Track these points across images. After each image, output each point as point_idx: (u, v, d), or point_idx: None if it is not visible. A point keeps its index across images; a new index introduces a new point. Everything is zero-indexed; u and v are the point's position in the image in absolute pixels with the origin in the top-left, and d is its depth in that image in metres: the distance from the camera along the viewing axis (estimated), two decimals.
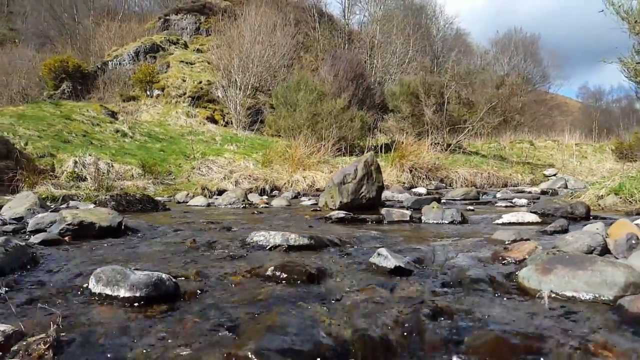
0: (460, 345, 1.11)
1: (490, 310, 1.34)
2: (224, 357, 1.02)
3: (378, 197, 4.82)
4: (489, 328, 1.19)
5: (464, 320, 1.25)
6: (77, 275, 1.86)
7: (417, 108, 17.59)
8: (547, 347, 1.07)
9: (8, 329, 1.14)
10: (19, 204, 5.47)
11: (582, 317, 1.27)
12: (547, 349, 1.07)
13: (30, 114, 13.58)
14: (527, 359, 1.04)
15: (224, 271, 1.90)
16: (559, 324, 1.22)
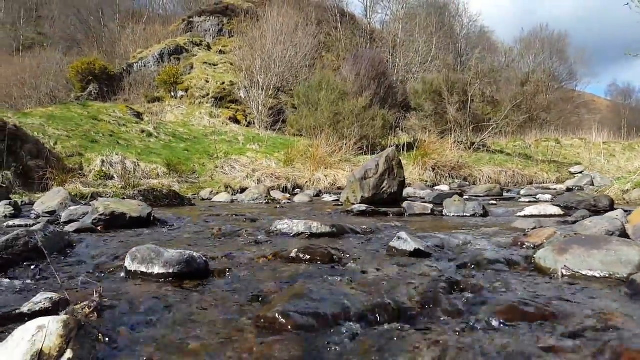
0: (474, 312, 1.16)
1: (505, 286, 1.38)
2: (254, 318, 1.10)
3: (399, 192, 4.85)
4: (502, 299, 1.24)
5: (478, 293, 1.30)
6: (111, 257, 1.98)
7: (440, 106, 17.42)
8: (557, 314, 1.12)
9: (55, 296, 1.25)
10: (50, 199, 5.72)
11: (594, 290, 1.30)
12: (557, 315, 1.11)
13: (59, 115, 13.98)
14: (538, 323, 1.09)
15: (250, 254, 1.99)
16: (571, 297, 1.25)
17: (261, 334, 1.03)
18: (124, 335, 1.00)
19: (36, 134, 11.22)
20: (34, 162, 9.82)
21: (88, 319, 1.01)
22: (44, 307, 1.19)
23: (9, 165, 9.17)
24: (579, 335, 0.99)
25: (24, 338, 0.86)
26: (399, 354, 0.92)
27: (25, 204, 6.23)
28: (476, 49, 22.68)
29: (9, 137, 9.38)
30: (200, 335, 1.03)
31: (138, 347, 0.96)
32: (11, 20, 43.34)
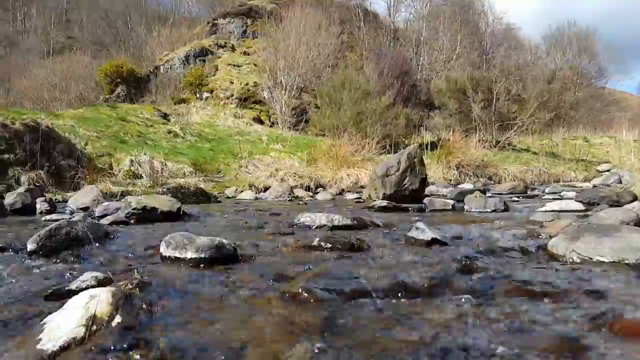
0: (483, 289, 1.23)
1: (516, 270, 1.45)
2: (280, 293, 1.20)
3: (421, 189, 4.88)
4: (511, 279, 1.31)
5: (489, 275, 1.37)
6: (146, 245, 2.12)
7: (465, 104, 17.25)
8: (561, 292, 1.18)
9: (100, 275, 1.38)
10: (84, 196, 5.99)
11: (601, 274, 1.35)
12: (560, 292, 1.18)
13: (89, 116, 14.43)
14: (544, 300, 1.15)
15: (274, 243, 2.10)
16: (579, 279, 1.32)
17: (286, 305, 1.13)
18: (163, 306, 1.11)
19: (68, 135, 11.58)
20: (66, 161, 10.20)
21: (132, 293, 1.13)
22: (90, 285, 1.32)
23: (42, 164, 9.56)
24: (579, 308, 1.05)
25: (78, 305, 0.98)
26: (412, 323, 1.01)
27: (59, 201, 6.52)
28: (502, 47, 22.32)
29: (42, 138, 9.77)
30: (231, 306, 1.14)
31: (176, 315, 1.07)
32: (42, 24, 45.00)
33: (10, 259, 1.93)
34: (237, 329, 0.98)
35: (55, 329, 0.93)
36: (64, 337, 0.89)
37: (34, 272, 1.65)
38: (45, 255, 1.95)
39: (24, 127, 9.65)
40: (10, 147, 9.12)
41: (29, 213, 5.17)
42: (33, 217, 4.84)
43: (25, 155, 9.33)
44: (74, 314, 0.95)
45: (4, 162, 9.00)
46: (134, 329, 0.96)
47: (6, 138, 9.20)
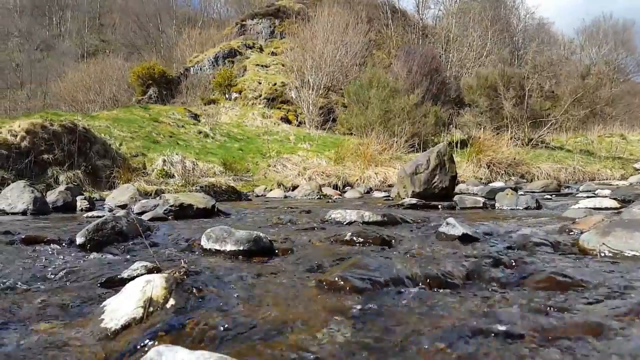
0: (514, 282, 1.26)
1: (546, 263, 1.47)
2: (316, 281, 1.27)
3: (451, 187, 4.86)
4: (541, 272, 1.33)
5: (520, 268, 1.40)
6: (186, 239, 2.23)
7: (496, 102, 16.91)
8: (594, 285, 1.20)
9: (149, 265, 1.48)
10: (121, 194, 6.25)
11: (633, 267, 1.35)
12: (593, 285, 1.20)
13: (123, 117, 14.89)
14: (575, 291, 1.18)
15: (307, 238, 2.17)
16: (610, 272, 1.33)
17: (323, 292, 1.20)
18: (210, 291, 1.20)
19: (103, 136, 11.99)
20: (102, 161, 10.60)
21: (182, 279, 1.22)
22: (140, 273, 1.42)
23: (80, 164, 9.97)
24: (609, 298, 1.08)
25: (136, 289, 1.08)
26: (444, 312, 1.05)
27: (96, 199, 6.78)
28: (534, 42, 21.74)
29: (79, 139, 10.19)
30: (272, 292, 1.22)
31: (223, 299, 1.15)
32: (76, 28, 46.73)
33: (62, 251, 2.06)
34: (281, 311, 1.06)
35: (116, 310, 1.02)
36: (125, 317, 0.98)
37: (86, 263, 1.77)
38: (93, 248, 2.09)
39: (62, 128, 10.08)
40: (50, 148, 9.56)
41: (70, 210, 5.44)
42: (74, 214, 5.10)
43: (64, 155, 9.75)
44: (133, 297, 1.04)
45: (43, 162, 9.44)
46: (186, 311, 1.04)
47: (45, 139, 9.64)
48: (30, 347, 0.92)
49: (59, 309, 1.16)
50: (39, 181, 8.72)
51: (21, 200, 4.85)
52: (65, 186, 6.33)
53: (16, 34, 42.90)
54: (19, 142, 9.20)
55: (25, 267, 1.72)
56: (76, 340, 0.94)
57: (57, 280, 1.49)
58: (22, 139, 9.34)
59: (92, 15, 49.15)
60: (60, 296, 1.28)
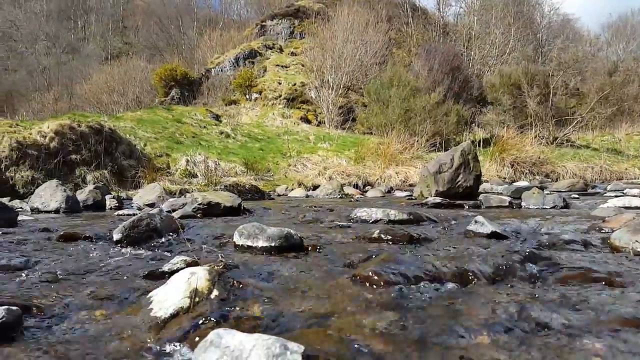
0: (545, 278, 1.28)
1: (578, 261, 1.48)
2: (350, 276, 1.31)
3: (475, 186, 4.83)
4: (573, 269, 1.34)
5: (551, 265, 1.41)
6: (218, 235, 2.30)
7: (519, 99, 16.63)
8: (626, 281, 1.21)
9: (188, 259, 1.55)
10: (148, 193, 6.40)
11: None
12: (625, 281, 1.21)
13: (147, 118, 15.18)
14: (604, 286, 1.19)
15: (334, 235, 2.21)
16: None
17: (357, 286, 1.24)
18: (249, 283, 1.25)
19: (128, 136, 12.26)
20: (127, 161, 10.86)
21: (223, 272, 1.27)
22: (180, 267, 1.48)
23: (106, 164, 10.24)
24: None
25: (181, 281, 1.13)
26: (476, 306, 1.08)
27: (123, 198, 6.94)
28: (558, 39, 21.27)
29: (105, 140, 10.46)
30: (307, 285, 1.27)
31: (262, 291, 1.20)
32: (100, 31, 47.88)
33: (101, 247, 2.16)
34: (319, 303, 1.10)
35: (163, 300, 1.08)
36: (173, 307, 1.04)
37: (125, 258, 1.85)
38: (129, 243, 2.17)
39: (89, 129, 10.37)
40: (77, 148, 9.85)
41: (99, 209, 5.62)
42: (103, 212, 5.26)
43: (91, 155, 10.03)
44: (179, 288, 1.10)
45: (71, 162, 9.73)
46: (229, 301, 1.09)
47: (73, 140, 9.93)
48: (89, 333, 0.99)
49: (108, 299, 1.23)
50: (67, 181, 8.95)
51: (54, 199, 5.03)
52: (94, 185, 6.52)
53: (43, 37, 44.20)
54: (48, 143, 9.50)
55: (69, 261, 1.81)
56: (130, 327, 1.00)
57: (100, 274, 1.57)
58: (51, 139, 9.63)
59: (116, 18, 50.29)
60: (107, 288, 1.35)
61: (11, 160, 8.85)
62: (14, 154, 8.92)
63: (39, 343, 0.94)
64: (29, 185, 8.79)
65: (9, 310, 0.98)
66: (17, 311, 1.00)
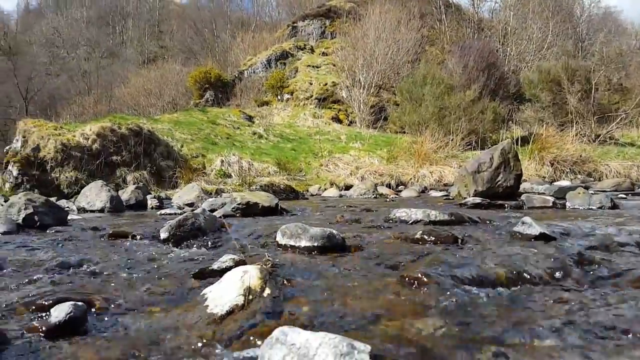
0: (603, 281, 1.23)
1: (634, 264, 1.40)
2: (399, 277, 1.31)
3: (516, 186, 4.70)
4: (632, 273, 1.28)
5: (608, 268, 1.37)
6: (260, 235, 2.34)
7: (559, 96, 16.04)
8: None
9: (236, 257, 1.58)
10: (187, 193, 6.56)
11: None
12: None
13: (183, 120, 15.57)
14: None
15: (375, 236, 2.20)
16: None
17: (406, 287, 1.23)
18: (298, 282, 1.27)
19: (166, 138, 12.63)
20: (165, 162, 11.19)
21: (273, 271, 1.30)
22: (229, 265, 1.52)
23: (145, 165, 10.58)
24: None
25: (234, 279, 1.17)
26: (535, 309, 1.06)
27: (163, 198, 7.14)
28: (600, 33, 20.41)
29: (144, 141, 10.82)
30: (355, 285, 1.27)
31: (311, 290, 1.22)
32: (137, 36, 49.50)
33: (149, 245, 2.23)
34: (368, 304, 1.10)
35: (218, 297, 1.12)
36: (228, 304, 1.07)
37: (173, 256, 1.92)
38: (175, 242, 2.24)
39: (129, 131, 10.75)
40: (118, 150, 10.22)
41: (141, 208, 5.82)
42: (145, 211, 5.45)
43: (130, 156, 10.40)
44: (233, 286, 1.13)
45: (112, 163, 10.11)
46: (281, 299, 1.12)
47: (114, 142, 10.31)
48: (149, 329, 1.03)
49: (163, 296, 1.28)
50: (108, 181, 9.27)
51: (99, 198, 5.25)
52: (135, 186, 6.76)
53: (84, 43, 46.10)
54: (90, 145, 9.91)
55: (121, 259, 1.89)
56: (189, 323, 1.03)
57: (152, 271, 1.62)
58: (94, 141, 10.04)
59: (152, 23, 51.86)
60: (160, 285, 1.40)
61: (56, 162, 9.28)
62: (59, 155, 9.35)
63: (103, 337, 0.99)
64: (73, 185, 9.20)
65: (76, 305, 1.04)
66: (83, 307, 1.06)
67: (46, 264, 1.78)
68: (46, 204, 3.47)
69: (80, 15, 50.96)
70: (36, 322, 1.02)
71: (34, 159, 9.08)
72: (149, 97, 26.36)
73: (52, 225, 3.20)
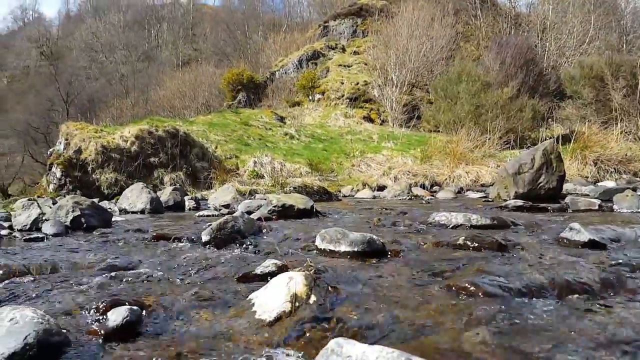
0: None
1: None
2: (445, 286, 1.28)
3: (559, 187, 4.53)
4: None
5: None
6: (298, 238, 2.36)
7: (602, 92, 15.37)
8: None
9: (279, 262, 1.60)
10: (223, 194, 6.68)
11: None
12: None
13: (217, 122, 15.85)
14: None
15: (415, 241, 2.17)
16: None
17: (453, 297, 1.21)
18: (341, 289, 1.27)
19: (200, 139, 12.89)
20: (200, 163, 11.44)
21: (317, 277, 1.30)
22: (271, 270, 1.54)
23: (181, 166, 10.86)
24: None
25: (280, 285, 1.18)
26: (589, 321, 1.02)
27: (199, 199, 7.28)
28: None
29: (180, 143, 11.09)
30: (399, 293, 1.27)
31: (355, 297, 1.22)
32: (172, 39, 50.85)
33: (191, 248, 2.29)
34: (416, 314, 1.09)
35: (265, 303, 1.13)
36: (276, 310, 1.08)
37: (215, 259, 1.96)
38: (216, 245, 2.29)
39: (165, 133, 11.05)
40: (155, 152, 10.53)
41: (179, 209, 5.96)
42: (183, 212, 5.58)
43: (167, 158, 10.69)
44: (279, 292, 1.15)
45: (150, 165, 10.42)
46: (327, 307, 1.12)
47: (152, 144, 10.62)
48: (200, 333, 1.05)
49: (210, 300, 1.31)
50: (146, 182, 9.54)
51: (140, 200, 5.42)
52: (172, 187, 6.93)
53: (121, 47, 47.79)
54: (129, 147, 10.24)
55: (166, 261, 1.94)
56: (238, 329, 1.06)
57: (197, 274, 1.67)
58: (132, 143, 10.37)
59: (186, 26, 53.16)
60: (207, 288, 1.43)
61: (97, 164, 9.65)
62: (100, 157, 9.72)
63: (157, 342, 1.02)
64: (113, 187, 9.55)
65: (132, 310, 1.08)
66: (138, 310, 1.10)
67: (96, 266, 1.86)
68: (92, 206, 3.61)
69: (118, 20, 52.87)
70: (95, 326, 1.07)
71: (76, 161, 9.46)
72: (184, 99, 27.01)
73: (97, 227, 3.33)
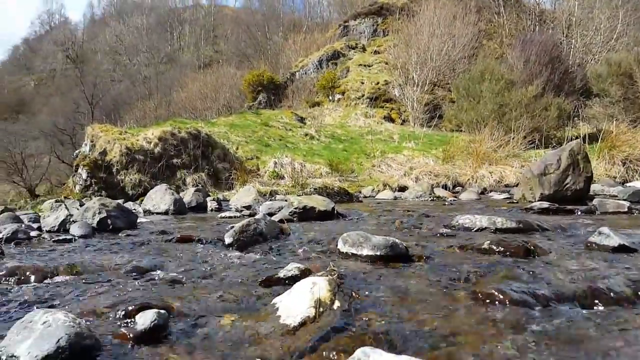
0: None
1: None
2: (470, 292, 1.27)
3: (586, 189, 4.41)
4: None
5: None
6: (319, 241, 2.36)
7: (631, 90, 14.90)
8: None
9: (302, 266, 1.61)
10: (245, 195, 6.73)
11: None
12: None
13: (238, 123, 16.00)
14: None
15: (439, 245, 2.15)
16: None
17: (479, 304, 1.20)
18: (365, 295, 1.27)
19: (222, 140, 13.03)
20: (221, 164, 11.57)
21: (341, 282, 1.30)
22: (294, 274, 1.55)
23: (203, 167, 11.00)
24: None
25: (304, 290, 1.19)
26: (624, 331, 0.98)
27: (220, 200, 7.35)
28: None
29: (202, 144, 11.24)
30: (424, 300, 1.26)
31: (379, 303, 1.22)
32: (194, 41, 51.62)
33: (214, 250, 2.32)
34: (442, 322, 1.08)
35: (289, 308, 1.14)
36: (300, 315, 1.09)
37: (238, 261, 1.98)
38: (239, 247, 2.31)
39: (188, 135, 11.22)
40: (178, 153, 10.70)
41: (201, 210, 6.04)
42: (205, 213, 5.64)
43: (189, 159, 10.85)
44: (303, 297, 1.15)
45: (173, 166, 10.59)
46: (350, 313, 1.12)
47: (175, 145, 10.80)
48: (226, 337, 1.07)
49: (234, 304, 1.32)
50: (169, 183, 9.70)
51: (164, 201, 5.51)
52: (195, 188, 7.03)
53: (144, 50, 48.76)
54: (152, 148, 10.43)
55: (190, 264, 1.97)
56: (263, 333, 1.07)
57: (221, 277, 1.69)
58: (155, 145, 10.56)
59: (207, 28, 53.90)
60: (230, 292, 1.45)
61: (121, 165, 9.86)
62: (124, 159, 9.92)
63: (184, 345, 1.04)
64: (137, 187, 9.74)
65: (159, 314, 1.10)
66: (165, 314, 1.12)
67: (122, 268, 1.90)
68: (118, 207, 3.69)
69: (141, 23, 53.99)
70: (123, 329, 1.09)
71: (102, 162, 9.69)
72: (205, 101, 27.37)
73: (123, 228, 3.39)
